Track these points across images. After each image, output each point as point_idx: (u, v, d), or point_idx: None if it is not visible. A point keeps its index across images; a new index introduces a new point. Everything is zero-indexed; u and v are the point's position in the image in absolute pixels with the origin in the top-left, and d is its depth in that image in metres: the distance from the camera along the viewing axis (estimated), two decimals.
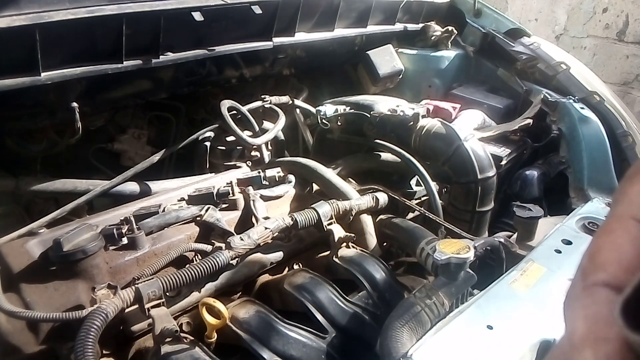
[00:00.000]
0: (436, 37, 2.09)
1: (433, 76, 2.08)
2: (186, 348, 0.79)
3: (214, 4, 1.31)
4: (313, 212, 1.07)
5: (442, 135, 1.35)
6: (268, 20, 1.48)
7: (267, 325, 0.88)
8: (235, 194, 1.14)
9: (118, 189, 1.28)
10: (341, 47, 1.91)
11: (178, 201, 1.16)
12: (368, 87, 2.04)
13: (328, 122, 1.49)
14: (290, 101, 1.67)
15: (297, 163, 1.33)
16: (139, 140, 1.60)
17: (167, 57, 1.29)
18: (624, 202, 0.22)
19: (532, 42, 2.03)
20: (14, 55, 1.05)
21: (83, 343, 0.70)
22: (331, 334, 0.90)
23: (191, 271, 0.86)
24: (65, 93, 1.22)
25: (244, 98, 1.62)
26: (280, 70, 1.80)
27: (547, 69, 1.88)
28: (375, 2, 1.82)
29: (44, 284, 0.86)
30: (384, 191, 1.28)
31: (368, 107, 1.46)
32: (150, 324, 0.82)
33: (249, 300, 0.95)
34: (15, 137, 1.29)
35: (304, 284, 0.98)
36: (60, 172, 1.32)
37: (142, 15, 1.18)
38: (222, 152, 1.56)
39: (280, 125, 1.55)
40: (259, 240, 0.98)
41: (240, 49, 1.46)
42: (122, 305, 0.79)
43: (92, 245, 0.87)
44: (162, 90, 1.49)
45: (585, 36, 3.95)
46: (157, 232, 1.02)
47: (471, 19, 2.16)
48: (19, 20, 1.00)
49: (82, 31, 1.12)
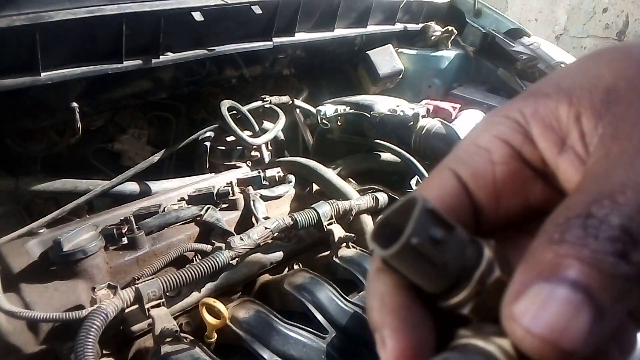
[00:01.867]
0: (436, 37, 2.09)
1: (433, 76, 2.08)
2: (186, 348, 0.79)
3: (214, 4, 1.31)
4: (313, 212, 1.08)
5: (442, 135, 1.35)
6: (268, 20, 1.48)
7: (267, 325, 0.88)
8: (235, 194, 1.14)
9: (118, 189, 1.28)
10: (341, 47, 1.91)
11: (178, 201, 1.16)
12: (368, 87, 2.05)
13: (328, 122, 1.49)
14: (290, 101, 1.67)
15: (297, 163, 1.33)
16: (139, 140, 1.60)
17: (167, 57, 1.29)
18: (449, 155, 0.26)
19: (532, 42, 2.03)
20: (14, 55, 1.05)
21: (83, 343, 0.70)
22: (331, 334, 0.90)
23: (191, 271, 0.86)
24: (65, 93, 1.22)
25: (244, 98, 1.62)
26: (280, 70, 1.80)
27: (547, 69, 1.88)
28: (375, 2, 1.82)
29: (44, 284, 0.86)
30: (384, 191, 1.28)
31: (368, 107, 1.46)
32: (150, 324, 0.82)
33: (249, 300, 0.95)
34: (15, 137, 1.29)
35: (304, 284, 0.98)
36: (60, 172, 1.32)
37: (142, 15, 1.18)
38: (222, 152, 1.56)
39: (280, 125, 1.55)
40: (259, 240, 0.98)
41: (240, 49, 1.46)
42: (122, 305, 0.79)
43: (92, 245, 0.87)
44: (162, 90, 1.49)
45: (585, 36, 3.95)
46: (157, 232, 1.02)
47: (471, 19, 2.16)
48: (19, 20, 1.00)
49: (82, 31, 1.12)
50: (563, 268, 0.19)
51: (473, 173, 0.25)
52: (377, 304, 0.23)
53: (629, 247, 0.19)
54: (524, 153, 0.24)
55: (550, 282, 0.19)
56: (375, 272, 0.24)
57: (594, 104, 0.22)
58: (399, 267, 0.21)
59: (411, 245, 0.20)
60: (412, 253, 0.20)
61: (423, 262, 0.20)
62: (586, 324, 0.18)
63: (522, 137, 0.24)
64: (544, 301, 0.19)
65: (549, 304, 0.18)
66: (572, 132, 0.23)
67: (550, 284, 0.19)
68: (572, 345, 0.18)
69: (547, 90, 0.24)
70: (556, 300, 0.18)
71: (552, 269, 0.19)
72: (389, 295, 0.22)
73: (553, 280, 0.19)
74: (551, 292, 0.19)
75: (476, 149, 0.25)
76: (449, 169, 0.25)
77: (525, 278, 0.20)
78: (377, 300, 0.23)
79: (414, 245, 0.20)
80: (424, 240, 0.20)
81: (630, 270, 0.19)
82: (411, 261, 0.21)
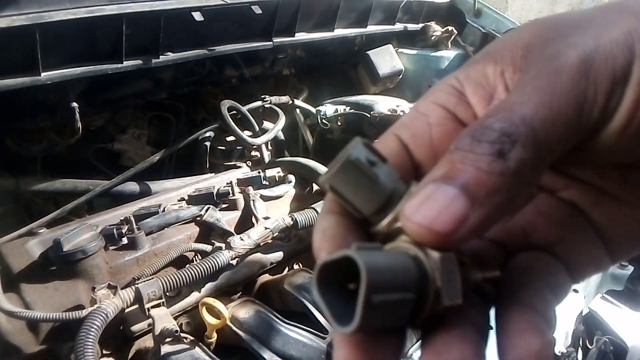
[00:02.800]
0: (436, 37, 2.09)
1: (433, 76, 2.08)
2: (186, 348, 0.79)
3: (214, 4, 1.31)
4: (313, 212, 1.08)
5: None
6: (268, 20, 1.48)
7: (267, 325, 0.88)
8: (235, 194, 1.14)
9: (118, 189, 1.28)
10: (341, 47, 1.91)
11: (178, 201, 1.16)
12: (368, 87, 2.05)
13: (328, 122, 1.49)
14: (290, 101, 1.67)
15: (297, 163, 1.33)
16: (139, 140, 1.60)
17: (167, 57, 1.29)
18: (395, 122, 0.29)
19: None
20: (14, 55, 1.05)
21: (83, 343, 0.70)
22: (331, 334, 0.90)
23: (191, 271, 0.86)
24: (65, 93, 1.22)
25: (244, 98, 1.62)
26: (280, 70, 1.80)
27: None
28: (375, 2, 1.82)
29: (44, 284, 0.86)
30: None
31: (368, 107, 1.46)
32: (150, 324, 0.82)
33: (249, 300, 0.95)
34: (15, 137, 1.29)
35: (304, 284, 0.98)
36: (60, 172, 1.32)
37: (142, 15, 1.18)
38: (222, 152, 1.56)
39: (280, 125, 1.55)
40: (259, 240, 0.98)
41: (240, 48, 1.46)
42: (122, 305, 0.79)
43: (92, 245, 0.87)
44: (162, 90, 1.49)
45: None
46: (157, 232, 1.02)
47: (471, 19, 2.16)
48: (19, 20, 1.00)
49: (82, 31, 1.12)
50: (450, 172, 0.22)
51: (412, 135, 0.28)
52: (319, 235, 0.26)
53: (507, 146, 0.22)
54: (458, 113, 0.28)
55: (436, 182, 0.23)
56: (322, 213, 0.27)
57: (514, 60, 0.26)
58: (340, 185, 0.24)
59: (351, 160, 0.23)
60: (352, 169, 0.24)
61: (360, 177, 0.24)
62: (458, 211, 0.21)
63: (456, 99, 0.28)
64: (427, 197, 0.22)
65: (430, 198, 0.22)
66: (498, 87, 0.26)
67: (436, 183, 0.22)
68: (443, 228, 0.22)
69: (478, 57, 0.28)
70: (436, 195, 0.22)
71: (443, 173, 0.23)
72: (329, 228, 0.26)
73: (438, 180, 0.22)
74: (435, 190, 0.22)
75: (416, 114, 0.29)
76: (392, 134, 0.28)
77: (423, 183, 0.23)
78: (320, 232, 0.26)
79: (353, 160, 0.23)
80: (361, 158, 0.24)
81: (506, 167, 0.22)
82: (350, 177, 0.24)
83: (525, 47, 0.26)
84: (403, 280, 0.22)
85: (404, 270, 0.22)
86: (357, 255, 0.20)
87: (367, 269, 0.20)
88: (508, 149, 0.22)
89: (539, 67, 0.24)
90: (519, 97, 0.23)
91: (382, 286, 0.21)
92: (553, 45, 0.25)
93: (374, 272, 0.20)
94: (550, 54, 0.24)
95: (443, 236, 0.22)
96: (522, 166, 0.22)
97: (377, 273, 0.20)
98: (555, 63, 0.24)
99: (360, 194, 0.24)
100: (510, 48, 0.26)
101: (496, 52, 0.27)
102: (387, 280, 0.21)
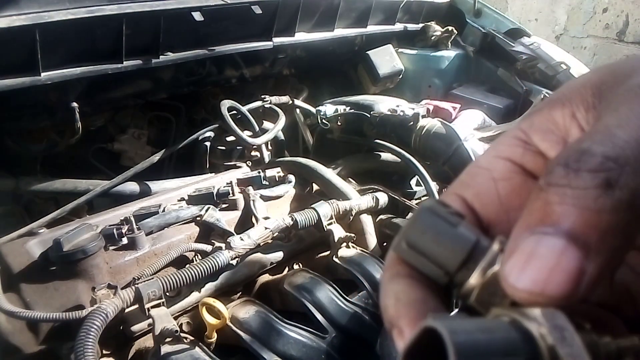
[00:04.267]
0: (436, 37, 2.09)
1: (433, 76, 2.08)
2: (186, 348, 0.79)
3: (214, 4, 1.31)
4: (313, 212, 1.07)
5: (442, 135, 1.35)
6: (268, 20, 1.48)
7: (267, 325, 0.88)
8: (235, 194, 1.14)
9: (118, 189, 1.28)
10: (341, 47, 1.91)
11: (178, 201, 1.16)
12: (368, 87, 2.04)
13: (328, 122, 1.49)
14: (290, 101, 1.67)
15: (297, 163, 1.33)
16: (139, 140, 1.60)
17: (167, 57, 1.29)
18: (454, 181, 0.27)
19: (532, 42, 2.03)
20: (14, 55, 1.05)
21: (83, 343, 0.70)
22: (331, 334, 0.90)
23: (191, 271, 0.86)
24: (65, 93, 1.22)
25: (244, 98, 1.62)
26: (280, 70, 1.80)
27: (547, 69, 1.88)
28: (375, 2, 1.82)
29: (44, 284, 0.86)
30: (384, 191, 1.28)
31: (368, 107, 1.46)
32: (150, 324, 0.82)
33: (249, 300, 0.95)
34: (15, 137, 1.29)
35: (304, 284, 0.98)
36: (60, 172, 1.32)
37: (142, 15, 1.18)
38: (222, 152, 1.56)
39: (280, 125, 1.55)
40: (259, 240, 0.98)
41: (240, 49, 1.46)
42: (122, 305, 0.79)
43: (92, 245, 0.87)
44: (162, 90, 1.49)
45: (585, 36, 3.95)
46: (157, 232, 1.02)
47: (471, 19, 2.16)
48: (19, 20, 1.00)
49: (82, 31, 1.12)
50: (548, 215, 0.19)
51: (476, 193, 0.25)
52: (392, 301, 0.23)
53: (614, 174, 0.18)
54: (526, 164, 0.25)
55: (534, 233, 0.19)
56: (388, 277, 0.24)
57: (585, 99, 0.23)
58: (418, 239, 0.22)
59: (429, 207, 0.22)
60: (431, 217, 0.22)
61: (440, 225, 0.22)
62: (573, 266, 0.18)
63: (522, 149, 0.25)
64: (529, 254, 0.18)
65: (534, 256, 0.18)
66: (572, 129, 0.23)
67: (535, 235, 0.19)
68: (560, 290, 0.18)
69: (539, 107, 0.25)
70: (540, 250, 0.18)
71: (539, 219, 0.19)
72: (404, 292, 0.23)
73: (538, 231, 0.19)
74: (536, 244, 0.18)
75: (477, 170, 0.26)
76: (454, 194, 0.26)
77: (517, 233, 0.20)
78: (392, 298, 0.23)
79: (430, 207, 0.22)
80: (438, 208, 0.22)
81: (617, 200, 0.18)
82: (430, 228, 0.22)
83: (595, 87, 0.23)
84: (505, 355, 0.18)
85: (506, 345, 0.18)
86: (445, 333, 0.17)
87: (456, 352, 0.17)
88: (616, 176, 0.18)
89: (626, 96, 0.21)
90: (615, 120, 0.20)
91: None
92: (634, 78, 0.22)
93: (465, 353, 0.17)
94: (634, 84, 0.22)
95: (561, 300, 0.18)
96: (637, 196, 0.18)
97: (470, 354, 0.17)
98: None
99: (442, 245, 0.22)
100: (578, 90, 0.24)
101: (561, 97, 0.24)
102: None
